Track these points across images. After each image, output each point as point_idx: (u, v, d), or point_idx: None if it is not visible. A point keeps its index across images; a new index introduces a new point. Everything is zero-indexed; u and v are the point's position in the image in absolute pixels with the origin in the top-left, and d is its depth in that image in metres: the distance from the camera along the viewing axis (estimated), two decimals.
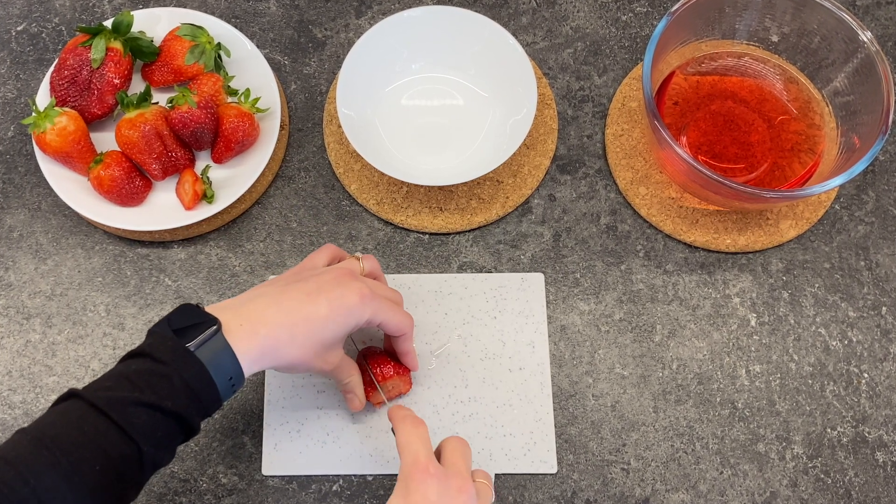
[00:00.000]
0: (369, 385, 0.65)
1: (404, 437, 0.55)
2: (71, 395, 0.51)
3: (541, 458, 0.67)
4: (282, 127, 0.76)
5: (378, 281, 0.64)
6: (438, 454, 0.57)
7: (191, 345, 0.52)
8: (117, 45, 0.71)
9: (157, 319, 0.71)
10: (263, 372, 0.69)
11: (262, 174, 0.74)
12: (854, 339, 0.71)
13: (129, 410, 0.50)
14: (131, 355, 0.53)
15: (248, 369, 0.54)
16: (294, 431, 0.67)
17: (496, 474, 0.67)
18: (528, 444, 0.67)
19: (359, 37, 0.74)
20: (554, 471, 0.67)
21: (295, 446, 0.67)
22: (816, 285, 0.73)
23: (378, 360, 0.66)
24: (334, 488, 0.67)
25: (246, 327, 0.54)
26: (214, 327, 0.53)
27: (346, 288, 0.58)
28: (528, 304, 0.71)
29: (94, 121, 0.73)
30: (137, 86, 0.75)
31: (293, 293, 0.56)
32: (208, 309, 0.55)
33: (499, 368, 0.70)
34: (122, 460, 0.50)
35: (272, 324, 0.55)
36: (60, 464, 0.48)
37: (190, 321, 0.53)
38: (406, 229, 0.74)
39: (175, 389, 0.51)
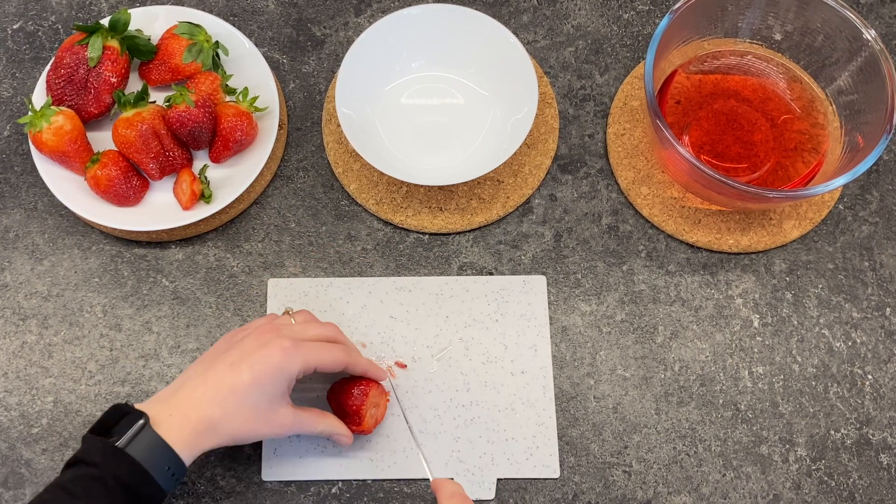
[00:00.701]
0: (351, 418, 0.64)
1: None
2: None
3: (543, 462, 0.67)
4: (280, 126, 0.76)
5: (309, 322, 0.63)
6: None
7: (119, 443, 0.54)
8: (114, 43, 0.71)
9: (154, 320, 0.71)
10: None
11: (261, 174, 0.74)
12: (858, 341, 0.71)
13: None
14: (68, 465, 0.55)
15: (189, 455, 0.56)
16: (294, 436, 0.67)
17: (497, 479, 0.66)
18: (530, 449, 0.67)
19: (358, 35, 0.73)
20: (556, 475, 0.67)
21: (295, 451, 0.67)
22: (820, 286, 0.73)
23: (345, 390, 0.64)
24: (333, 491, 0.66)
25: (176, 415, 0.56)
26: (141, 421, 0.55)
27: (267, 347, 0.58)
28: (530, 307, 0.71)
29: (90, 120, 0.73)
30: (134, 84, 0.75)
31: (218, 367, 0.58)
32: (139, 406, 0.57)
33: (500, 372, 0.69)
34: None
35: (201, 404, 0.56)
36: None
37: (120, 420, 0.55)
38: (406, 229, 0.74)
39: (109, 490, 0.52)
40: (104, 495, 0.52)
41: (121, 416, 0.56)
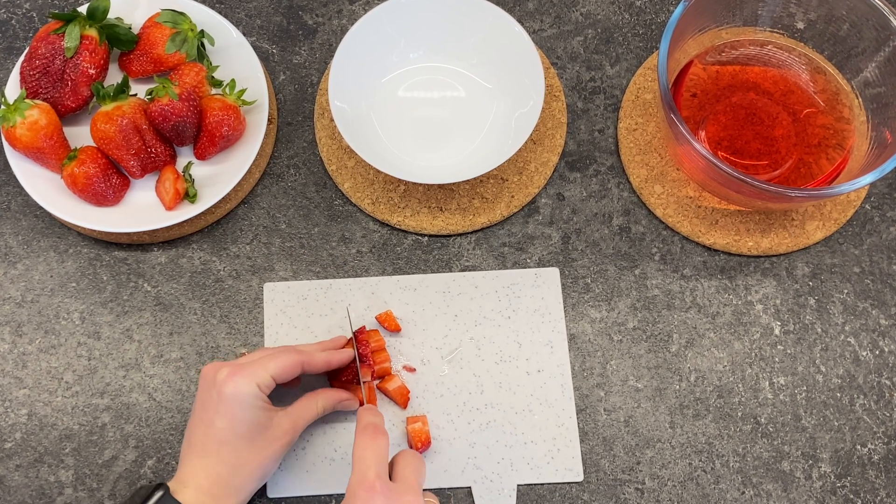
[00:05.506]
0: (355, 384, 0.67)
1: (359, 450, 0.57)
2: None
3: (566, 465, 0.67)
4: (269, 121, 0.76)
5: (258, 349, 0.66)
6: (392, 467, 0.59)
7: None
8: (93, 32, 0.71)
9: (135, 328, 0.71)
10: None
11: (249, 171, 0.74)
12: (886, 349, 0.71)
13: None
14: None
15: None
16: (300, 449, 0.67)
17: (518, 485, 0.66)
18: (551, 452, 0.67)
19: (352, 23, 0.73)
20: (580, 479, 0.67)
21: (301, 465, 0.67)
22: (845, 291, 0.72)
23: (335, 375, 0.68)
24: None
25: (191, 484, 0.60)
26: (161, 492, 0.59)
27: (218, 386, 0.61)
28: (543, 302, 0.71)
29: (67, 114, 0.73)
30: (114, 76, 0.75)
31: (196, 430, 0.61)
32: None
33: (516, 372, 0.70)
34: None
35: (205, 467, 0.60)
36: None
37: (142, 495, 0.59)
38: (403, 231, 0.74)
39: None
40: None
41: (139, 491, 0.60)
